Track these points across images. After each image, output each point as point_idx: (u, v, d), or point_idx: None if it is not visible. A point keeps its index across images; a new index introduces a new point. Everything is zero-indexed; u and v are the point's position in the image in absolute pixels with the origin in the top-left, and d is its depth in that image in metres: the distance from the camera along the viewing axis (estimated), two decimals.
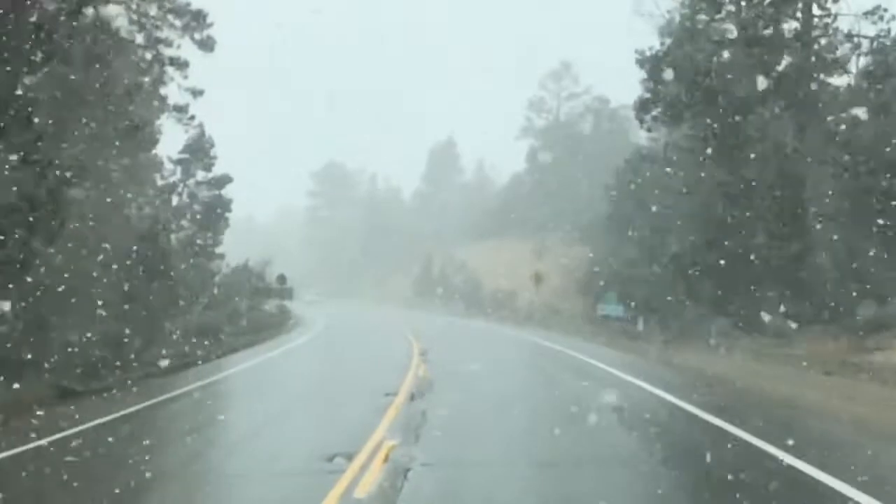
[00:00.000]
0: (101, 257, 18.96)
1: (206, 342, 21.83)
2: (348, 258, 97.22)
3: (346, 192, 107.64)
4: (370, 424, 10.48)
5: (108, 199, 29.31)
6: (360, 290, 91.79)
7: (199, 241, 37.00)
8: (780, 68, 24.86)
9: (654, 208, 30.00)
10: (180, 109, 30.89)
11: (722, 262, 23.56)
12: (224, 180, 37.93)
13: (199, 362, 20.54)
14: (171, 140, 39.29)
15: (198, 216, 37.83)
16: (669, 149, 27.35)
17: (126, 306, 18.22)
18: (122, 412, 12.53)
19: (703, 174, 25.80)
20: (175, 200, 37.38)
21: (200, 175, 37.85)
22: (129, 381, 16.03)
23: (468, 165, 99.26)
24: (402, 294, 78.39)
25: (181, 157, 37.29)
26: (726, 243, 24.49)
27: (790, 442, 8.52)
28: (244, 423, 12.13)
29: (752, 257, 24.18)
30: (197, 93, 30.44)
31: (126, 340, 17.53)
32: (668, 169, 33.24)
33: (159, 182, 38.09)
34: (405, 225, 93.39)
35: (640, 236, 36.15)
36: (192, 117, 32.03)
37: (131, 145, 29.08)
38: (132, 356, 17.37)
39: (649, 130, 33.98)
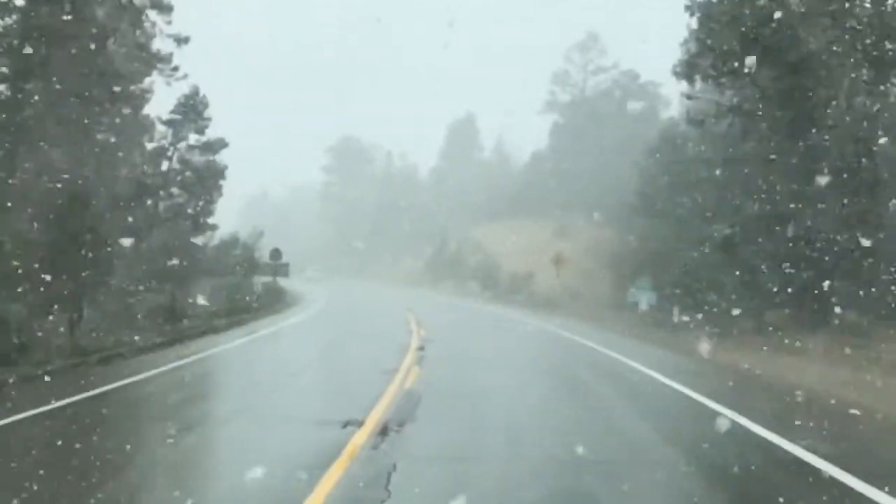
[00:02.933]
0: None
1: (167, 326, 18.51)
2: (361, 236, 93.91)
3: (361, 168, 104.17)
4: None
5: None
6: (371, 269, 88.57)
7: (189, 210, 33.81)
8: (856, 20, 21.01)
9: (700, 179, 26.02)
10: (162, 59, 27.34)
11: (782, 245, 19.91)
12: (218, 144, 34.60)
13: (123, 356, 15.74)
14: (166, 101, 36.26)
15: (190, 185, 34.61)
16: (719, 113, 23.46)
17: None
18: None
19: (754, 143, 22.07)
20: (164, 165, 34.15)
21: (193, 138, 34.58)
22: None
23: (487, 142, 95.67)
24: (414, 274, 75.09)
25: (171, 117, 33.99)
26: (785, 225, 20.85)
27: None
28: None
29: (816, 241, 20.51)
30: (181, 40, 27.10)
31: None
32: (703, 146, 29.82)
33: (149, 146, 34.99)
34: (420, 203, 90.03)
35: (676, 216, 32.53)
36: (176, 68, 28.50)
37: (105, 96, 25.88)
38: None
39: (689, 98, 30.30)
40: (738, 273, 22.71)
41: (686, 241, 30.61)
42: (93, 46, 24.62)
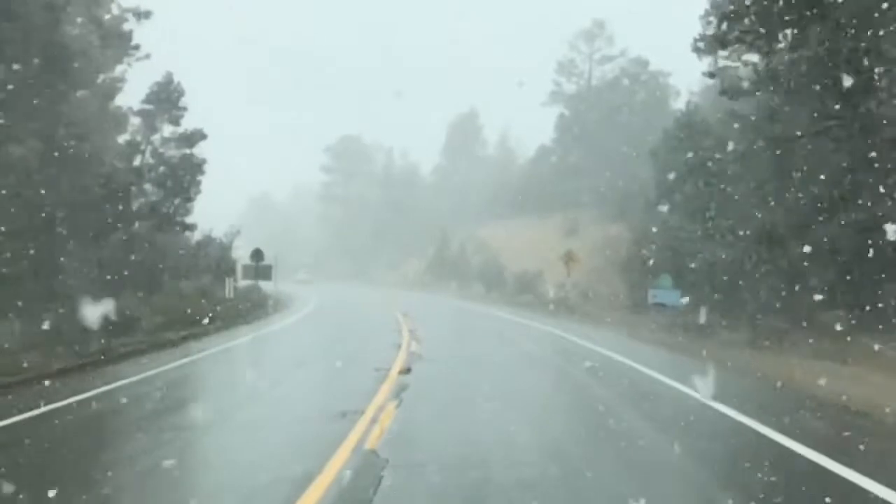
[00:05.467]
0: None
1: (99, 343, 15.50)
2: (362, 237, 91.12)
3: (361, 167, 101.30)
4: None
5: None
6: (371, 271, 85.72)
7: (165, 209, 30.84)
8: None
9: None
10: (122, 37, 24.32)
11: (836, 235, 16.84)
12: (196, 137, 31.68)
13: None
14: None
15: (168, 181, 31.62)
16: (759, 80, 20.32)
17: None
18: None
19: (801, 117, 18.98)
20: (137, 160, 31.21)
21: (168, 130, 31.66)
22: None
23: (490, 138, 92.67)
24: (416, 276, 72.19)
25: (143, 107, 31.08)
26: (835, 213, 17.79)
27: None
28: None
29: (873, 229, 17.40)
30: (142, 14, 24.07)
31: None
32: (730, 127, 26.76)
33: (120, 139, 32.05)
34: (423, 202, 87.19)
35: (696, 207, 29.52)
36: (137, 47, 25.50)
37: (57, 78, 22.98)
38: None
39: (711, 77, 27.27)
40: (778, 268, 19.68)
41: (711, 234, 27.65)
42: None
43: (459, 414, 10.46)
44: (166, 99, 31.18)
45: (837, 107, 17.97)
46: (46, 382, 12.38)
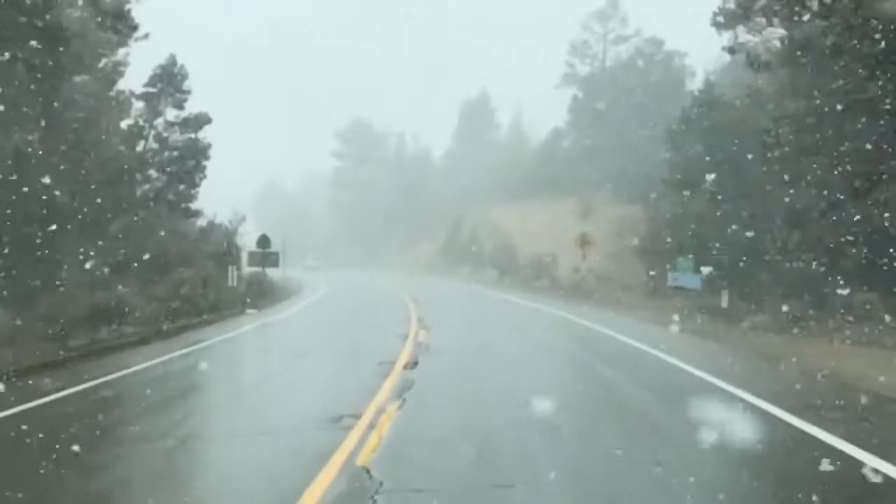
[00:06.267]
0: None
1: (85, 336, 14.74)
2: (374, 223, 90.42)
3: (372, 152, 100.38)
4: None
5: None
6: (383, 256, 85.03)
7: (169, 196, 30.12)
8: None
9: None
10: (120, 17, 23.46)
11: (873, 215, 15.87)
12: (201, 120, 30.89)
13: None
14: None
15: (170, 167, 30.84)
16: (787, 52, 19.20)
17: None
18: None
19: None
20: (140, 145, 30.48)
21: (171, 115, 30.88)
22: None
23: (503, 120, 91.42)
24: (428, 260, 71.43)
25: (146, 90, 30.32)
26: (871, 191, 16.80)
27: None
28: None
29: None
30: None
31: None
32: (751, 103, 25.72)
33: (124, 124, 31.29)
34: (435, 187, 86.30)
35: (717, 188, 28.49)
36: (136, 27, 24.65)
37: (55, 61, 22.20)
38: None
39: (731, 52, 26.21)
40: (807, 250, 18.74)
41: (731, 216, 26.69)
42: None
43: (469, 418, 9.14)
44: (169, 82, 30.40)
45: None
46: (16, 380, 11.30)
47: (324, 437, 7.93)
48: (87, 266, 18.66)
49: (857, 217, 16.79)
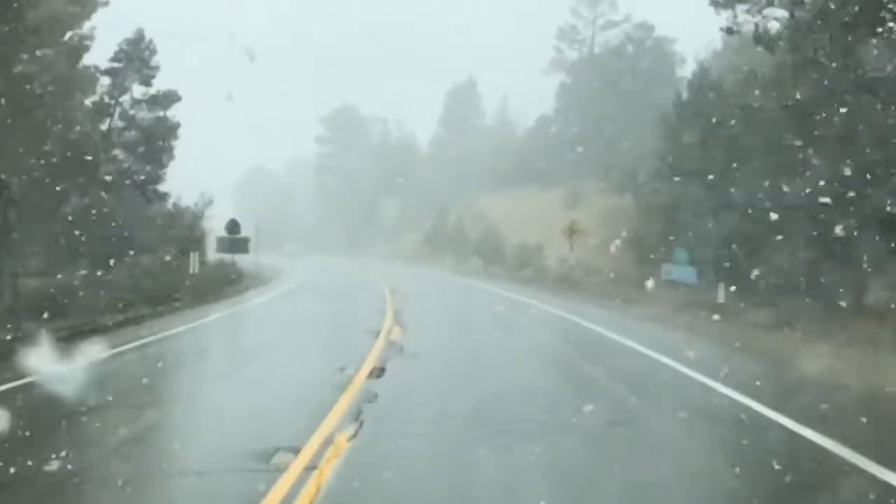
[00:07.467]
0: None
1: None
2: (358, 209, 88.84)
3: (358, 139, 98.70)
4: None
5: None
6: (367, 244, 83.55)
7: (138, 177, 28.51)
8: None
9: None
10: None
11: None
12: (170, 98, 29.29)
13: None
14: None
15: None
16: (794, 28, 17.85)
17: None
18: None
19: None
20: (105, 123, 28.84)
21: (138, 92, 29.24)
22: None
23: (489, 108, 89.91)
24: (412, 249, 70.04)
25: (111, 65, 28.66)
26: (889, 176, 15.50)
27: None
28: None
29: None
30: None
31: None
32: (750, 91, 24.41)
33: (88, 101, 29.62)
34: (420, 174, 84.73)
35: (711, 177, 27.19)
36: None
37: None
38: None
39: (729, 32, 24.92)
40: (813, 243, 17.44)
41: (727, 205, 25.41)
42: None
43: (441, 452, 7.33)
44: (137, 57, 28.75)
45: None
46: None
47: (242, 483, 6.07)
48: (33, 251, 17.06)
49: (867, 210, 15.46)
